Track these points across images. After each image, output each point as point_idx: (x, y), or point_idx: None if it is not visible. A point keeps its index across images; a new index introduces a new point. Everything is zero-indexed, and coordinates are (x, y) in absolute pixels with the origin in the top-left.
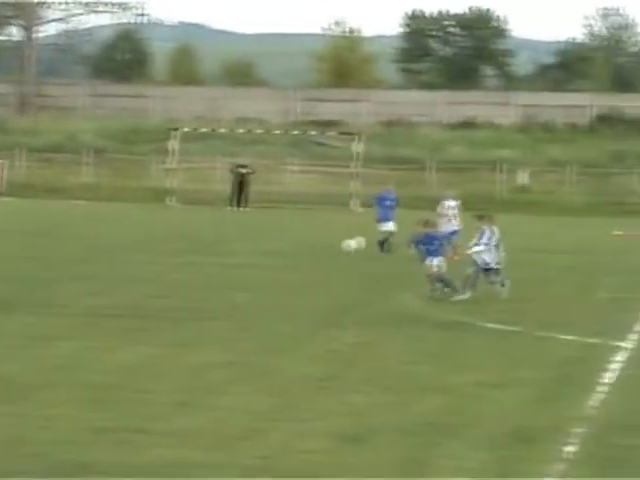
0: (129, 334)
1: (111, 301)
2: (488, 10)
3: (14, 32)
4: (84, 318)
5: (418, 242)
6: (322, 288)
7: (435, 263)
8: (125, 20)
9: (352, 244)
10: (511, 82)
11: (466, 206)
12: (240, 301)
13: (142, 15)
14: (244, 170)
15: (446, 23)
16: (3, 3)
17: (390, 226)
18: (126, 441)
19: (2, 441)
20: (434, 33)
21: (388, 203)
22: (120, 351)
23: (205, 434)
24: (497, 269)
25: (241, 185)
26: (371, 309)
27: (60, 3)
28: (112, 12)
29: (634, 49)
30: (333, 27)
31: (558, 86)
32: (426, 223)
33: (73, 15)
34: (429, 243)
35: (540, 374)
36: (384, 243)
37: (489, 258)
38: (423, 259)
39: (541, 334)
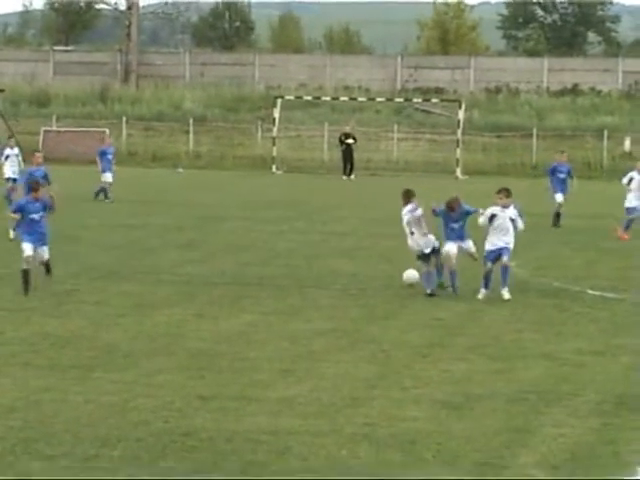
0: (231, 302)
1: (213, 269)
2: None
3: (118, 1)
4: (186, 286)
5: None
6: None
7: None
8: None
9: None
10: (615, 48)
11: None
12: (343, 268)
13: None
14: (350, 141)
15: None
16: None
17: (559, 198)
18: (229, 408)
19: (108, 409)
20: (539, 0)
21: (562, 176)
22: (222, 319)
23: (307, 402)
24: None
25: (345, 154)
26: (475, 277)
27: None
28: None
29: None
30: None
31: None
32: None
33: None
34: None
35: None
36: (559, 216)
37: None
38: None
39: None
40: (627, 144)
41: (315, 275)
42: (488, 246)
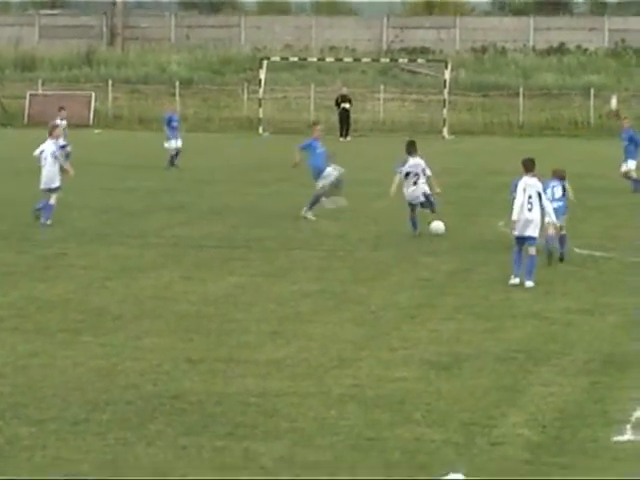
0: (219, 264)
1: (201, 231)
2: None
3: None
4: (174, 249)
5: None
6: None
7: None
8: None
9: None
10: (601, 7)
11: (558, 132)
12: (330, 230)
13: None
14: (347, 105)
15: None
16: None
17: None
18: (217, 371)
19: (97, 372)
20: None
21: (624, 143)
22: (210, 281)
23: (295, 363)
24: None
25: (342, 116)
26: (464, 236)
27: None
28: None
29: None
30: None
31: None
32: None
33: None
34: None
35: (632, 300)
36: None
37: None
38: None
39: (633, 259)
40: (614, 102)
41: (302, 237)
42: None
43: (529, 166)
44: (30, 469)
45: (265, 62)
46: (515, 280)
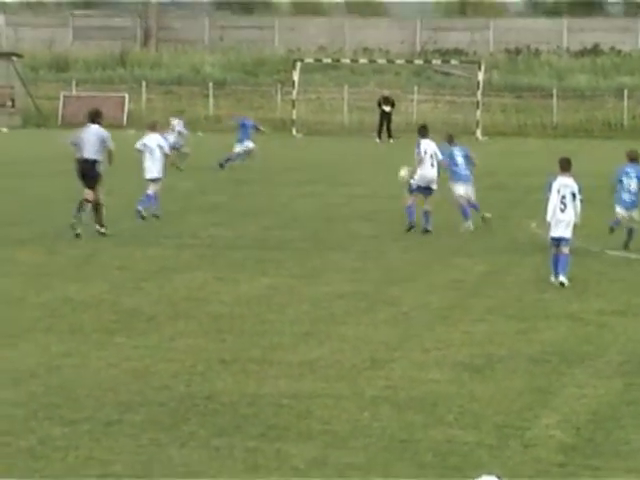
0: (253, 265)
1: (235, 232)
2: None
3: None
4: (209, 249)
5: None
6: (444, 217)
7: None
8: None
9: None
10: (635, 8)
11: (591, 134)
12: (363, 231)
13: None
14: (387, 109)
15: None
16: None
17: None
18: (250, 372)
19: (130, 373)
20: None
21: None
22: (244, 282)
23: (328, 364)
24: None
25: (382, 118)
26: (497, 237)
27: None
28: None
29: None
30: None
31: None
32: None
33: None
34: None
35: None
36: None
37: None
38: None
39: None
40: None
41: (336, 238)
42: None
43: (565, 166)
44: (63, 469)
45: (299, 63)
46: (554, 279)
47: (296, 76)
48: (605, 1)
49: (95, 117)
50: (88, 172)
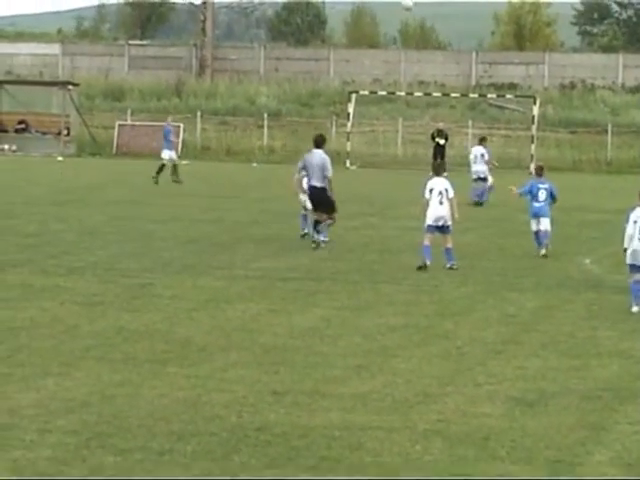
0: (305, 297)
1: (287, 263)
2: None
3: None
4: (261, 280)
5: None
6: (499, 251)
7: None
8: None
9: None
10: None
11: None
12: (416, 264)
13: None
14: (442, 142)
15: None
16: None
17: None
18: (302, 403)
19: (182, 403)
20: None
21: None
22: (296, 313)
23: (380, 397)
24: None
25: (436, 151)
26: (550, 273)
27: None
28: None
29: None
30: None
31: None
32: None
33: None
34: None
35: None
36: None
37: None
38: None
39: None
40: None
41: (388, 270)
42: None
43: None
44: None
45: (354, 96)
46: (635, 308)
47: (351, 108)
48: None
49: (320, 142)
50: (319, 199)
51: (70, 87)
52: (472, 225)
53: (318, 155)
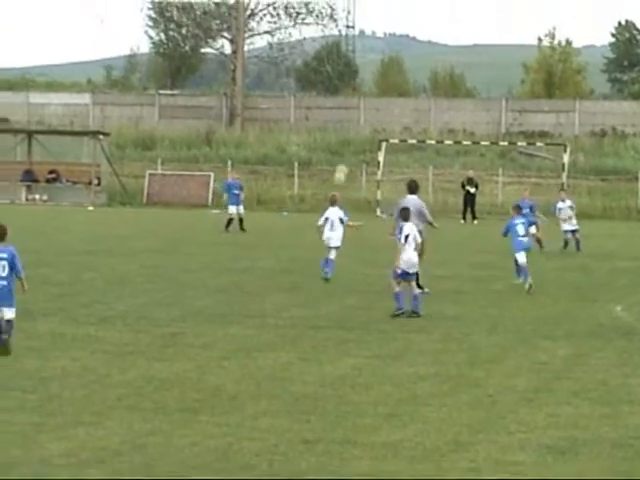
0: (336, 345)
1: (317, 312)
2: None
3: (223, 45)
4: (291, 329)
5: None
6: (530, 299)
7: None
8: (332, 32)
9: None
10: None
11: None
12: (446, 312)
13: (349, 27)
14: (472, 190)
15: None
16: (213, 16)
17: None
18: (333, 452)
19: (213, 452)
20: None
21: None
22: (327, 362)
23: (412, 446)
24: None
25: (466, 199)
26: (581, 320)
27: (269, 14)
28: (319, 24)
29: None
30: (544, 38)
31: None
32: None
33: (281, 27)
34: None
35: None
36: None
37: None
38: None
39: None
40: None
41: (418, 319)
42: None
43: None
44: None
45: (384, 144)
46: None
47: (381, 156)
48: None
49: (414, 188)
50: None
51: (101, 137)
52: (501, 274)
53: (412, 201)
